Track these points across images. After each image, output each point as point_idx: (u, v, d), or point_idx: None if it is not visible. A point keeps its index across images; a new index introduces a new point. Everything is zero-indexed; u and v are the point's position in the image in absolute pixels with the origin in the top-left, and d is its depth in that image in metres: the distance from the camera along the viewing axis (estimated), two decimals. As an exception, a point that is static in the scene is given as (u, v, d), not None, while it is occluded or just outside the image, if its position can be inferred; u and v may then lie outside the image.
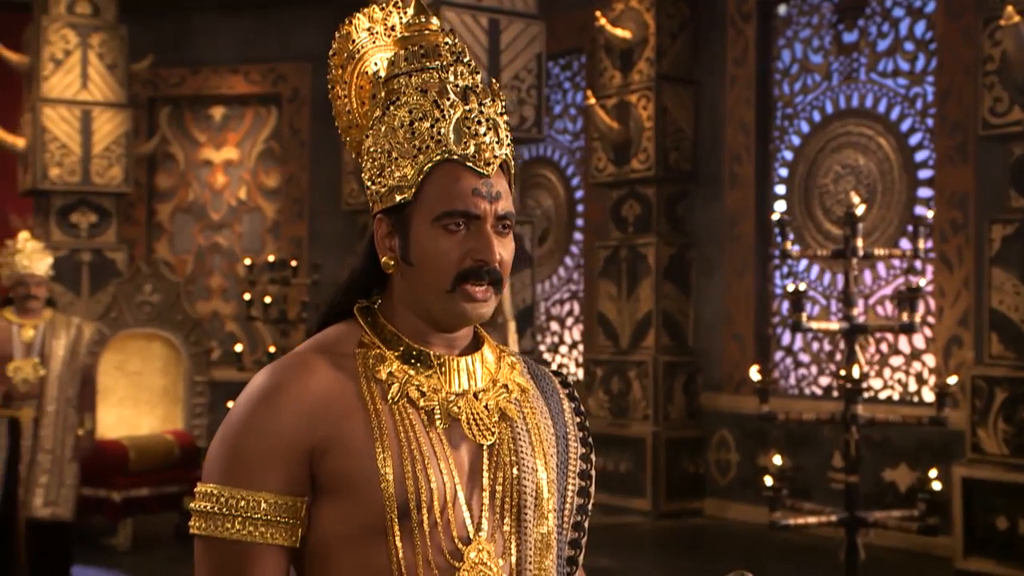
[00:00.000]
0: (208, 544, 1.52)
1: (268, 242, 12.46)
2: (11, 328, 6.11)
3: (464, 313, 1.57)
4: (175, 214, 12.65)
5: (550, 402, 1.74)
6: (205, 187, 12.62)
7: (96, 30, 10.39)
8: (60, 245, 10.20)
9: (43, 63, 10.17)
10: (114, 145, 10.40)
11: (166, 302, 8.48)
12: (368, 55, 1.69)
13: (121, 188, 10.48)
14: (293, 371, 1.55)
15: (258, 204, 12.60)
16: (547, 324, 11.42)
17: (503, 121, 1.62)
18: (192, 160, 12.63)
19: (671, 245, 9.69)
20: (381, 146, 1.59)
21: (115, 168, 10.40)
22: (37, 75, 10.20)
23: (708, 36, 9.74)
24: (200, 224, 12.63)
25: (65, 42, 10.27)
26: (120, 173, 10.43)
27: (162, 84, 12.46)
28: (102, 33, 10.42)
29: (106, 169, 10.36)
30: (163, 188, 12.65)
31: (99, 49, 10.39)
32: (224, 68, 12.43)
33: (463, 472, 1.58)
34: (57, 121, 10.19)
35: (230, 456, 1.53)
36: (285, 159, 12.43)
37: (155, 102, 12.54)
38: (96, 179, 10.32)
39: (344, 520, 1.52)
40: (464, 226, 1.56)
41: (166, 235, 12.63)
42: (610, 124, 9.70)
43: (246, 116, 12.59)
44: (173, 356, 8.47)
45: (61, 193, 10.26)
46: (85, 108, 10.29)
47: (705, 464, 9.62)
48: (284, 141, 12.41)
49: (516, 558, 1.61)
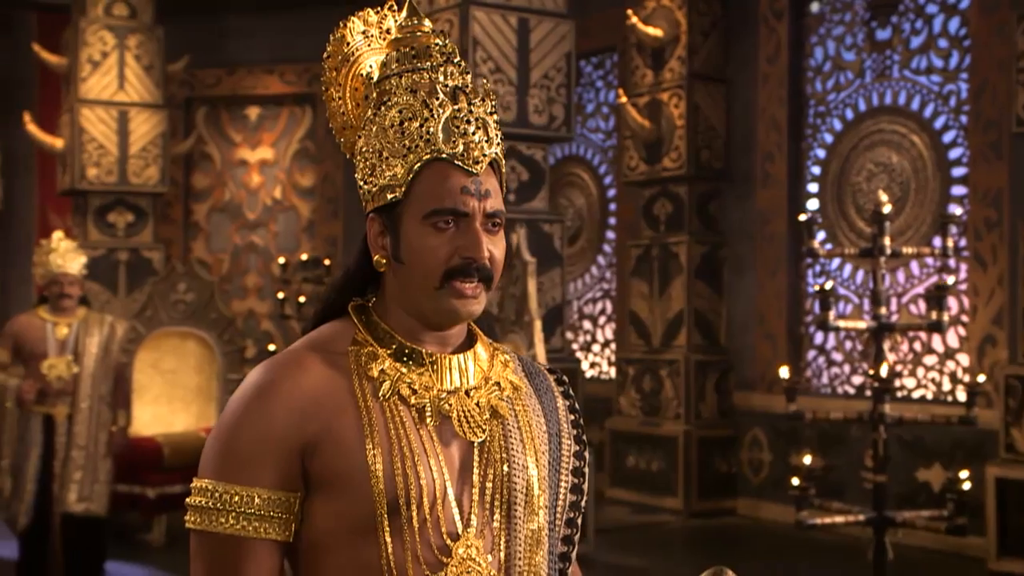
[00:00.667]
0: (203, 538, 1.54)
1: (303, 241, 12.55)
2: (45, 326, 6.20)
3: (454, 310, 1.59)
4: (211, 213, 12.76)
5: (544, 400, 1.76)
6: (241, 187, 12.72)
7: (133, 32, 10.51)
8: (97, 244, 10.34)
9: (81, 65, 10.30)
10: (150, 145, 10.52)
11: (200, 301, 8.56)
12: (363, 58, 1.72)
13: (157, 188, 10.59)
14: (286, 368, 1.58)
15: (293, 203, 12.69)
16: (579, 323, 11.43)
17: (493, 120, 1.64)
18: (228, 160, 12.74)
19: (703, 244, 9.67)
20: (372, 146, 1.62)
21: (151, 168, 10.51)
22: (75, 76, 10.33)
23: (740, 34, 9.71)
24: (236, 223, 12.74)
25: (103, 44, 10.39)
26: (156, 173, 10.54)
27: (198, 85, 12.58)
28: (139, 35, 10.53)
29: (143, 169, 10.47)
30: (199, 188, 12.76)
31: (136, 50, 10.51)
32: (259, 68, 12.53)
33: (453, 469, 1.60)
34: (95, 122, 10.31)
35: (224, 452, 1.55)
36: (320, 158, 12.51)
37: (192, 102, 12.65)
38: (133, 179, 10.43)
39: (335, 516, 1.55)
40: (453, 224, 1.58)
41: (202, 234, 12.74)
42: (642, 123, 9.69)
43: (281, 116, 12.68)
44: (207, 354, 8.55)
45: (98, 193, 10.38)
46: (122, 109, 10.41)
47: (737, 463, 9.58)
48: (319, 141, 12.49)
49: (506, 554, 1.62)
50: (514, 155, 7.56)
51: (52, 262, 6.16)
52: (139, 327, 8.46)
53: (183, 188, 12.65)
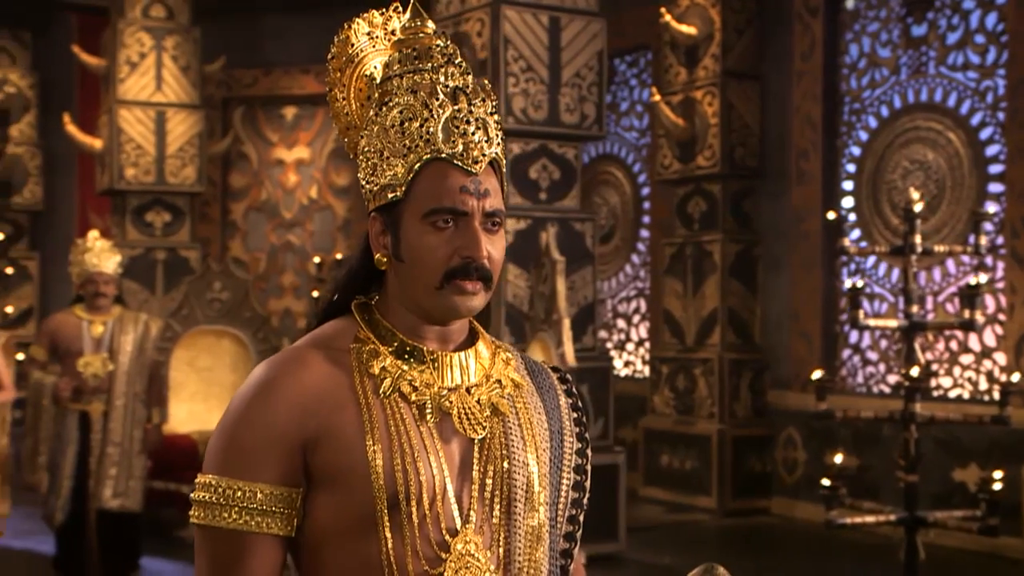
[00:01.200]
0: (207, 533, 1.57)
1: (339, 240, 12.62)
2: (81, 324, 6.28)
3: (454, 306, 1.61)
4: (248, 213, 12.86)
5: (545, 397, 1.77)
6: (277, 186, 12.81)
7: (170, 33, 10.61)
8: (135, 244, 10.46)
9: (119, 66, 10.41)
10: (187, 145, 10.62)
11: (235, 299, 8.63)
12: (368, 58, 1.73)
13: (194, 187, 10.69)
14: (288, 365, 1.60)
15: (329, 202, 12.76)
16: (613, 321, 11.42)
17: (493, 120, 1.65)
18: (265, 159, 12.84)
19: (737, 242, 9.64)
20: (374, 146, 1.63)
21: (188, 168, 10.61)
22: (113, 78, 10.45)
23: (774, 31, 9.66)
24: (273, 222, 12.83)
25: (140, 45, 10.50)
26: (193, 173, 10.64)
27: (235, 85, 12.68)
28: (176, 36, 10.63)
29: (180, 169, 10.57)
30: (237, 187, 12.87)
31: (173, 51, 10.61)
32: (295, 69, 12.61)
33: (453, 465, 1.61)
34: (132, 122, 10.42)
35: (227, 447, 1.58)
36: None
37: (229, 102, 12.76)
38: (170, 179, 10.54)
39: (336, 511, 1.57)
40: (452, 223, 1.59)
41: (240, 233, 12.85)
42: (675, 121, 9.67)
43: (317, 116, 12.76)
44: (242, 352, 8.62)
45: (136, 193, 10.49)
46: (159, 109, 10.51)
47: (772, 462, 9.54)
48: (355, 140, 12.55)
49: (505, 550, 1.64)
50: (545, 154, 7.57)
51: (87, 261, 6.25)
52: (175, 325, 8.55)
53: (221, 187, 12.76)
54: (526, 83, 7.41)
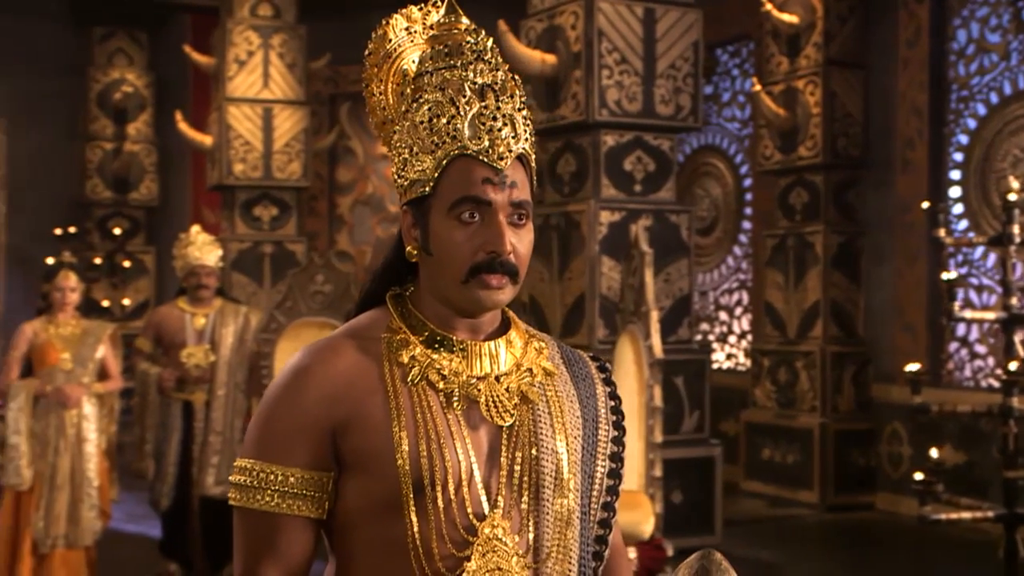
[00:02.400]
0: (244, 514, 1.64)
1: (443, 233, 12.75)
2: (184, 316, 6.47)
3: (479, 300, 1.64)
4: (355, 206, 13.06)
5: (581, 386, 1.79)
6: (382, 180, 12.98)
7: (277, 31, 10.83)
8: (244, 238, 10.71)
9: (228, 64, 10.67)
10: (293, 141, 10.83)
11: (337, 292, 8.78)
12: (406, 53, 1.77)
13: (300, 182, 10.90)
14: (321, 354, 1.66)
15: (433, 196, 12.89)
16: (716, 314, 11.34)
17: (521, 116, 1.68)
18: (370, 154, 13.02)
19: (840, 233, 9.48)
20: (405, 141, 1.68)
21: (295, 163, 10.83)
22: (223, 76, 10.71)
23: (879, 18, 9.48)
24: (378, 216, 13.01)
25: (248, 43, 10.74)
26: (299, 168, 10.85)
27: (342, 81, 12.88)
28: (282, 33, 10.85)
29: (286, 164, 10.79)
30: (343, 181, 13.08)
31: (279, 49, 10.83)
32: (401, 64, 12.75)
33: (481, 452, 1.65)
34: (241, 119, 10.67)
35: (262, 433, 1.65)
36: (460, 152, 12.67)
37: (336, 98, 12.97)
38: (277, 174, 10.76)
39: (365, 495, 1.62)
40: (478, 217, 1.63)
41: (346, 227, 13.06)
42: (776, 111, 9.56)
43: (422, 110, 12.88)
44: (343, 344, 8.77)
45: (245, 188, 10.74)
46: (266, 106, 10.74)
47: (876, 457, 9.38)
48: (458, 134, 12.65)
49: (534, 535, 1.67)
50: (640, 146, 7.55)
51: (190, 255, 6.44)
52: (279, 317, 8.73)
53: (328, 182, 12.98)
54: (620, 75, 7.40)
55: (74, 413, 5.78)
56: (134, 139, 13.56)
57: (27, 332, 5.94)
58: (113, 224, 13.28)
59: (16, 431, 5.72)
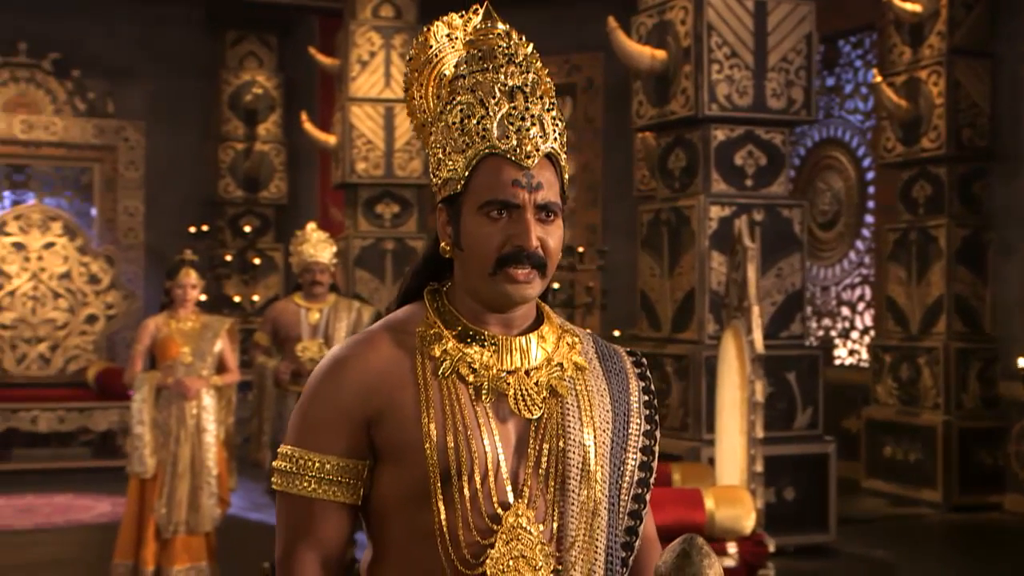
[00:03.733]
0: (284, 498, 1.74)
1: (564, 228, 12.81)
2: (299, 311, 6.67)
3: (507, 294, 1.70)
4: (477, 203, 13.22)
5: (613, 380, 1.84)
6: (504, 177, 13.11)
7: (398, 31, 11.03)
8: (366, 235, 10.95)
9: (350, 65, 10.92)
10: (414, 139, 11.01)
11: (453, 287, 8.93)
12: (447, 59, 1.84)
13: (421, 180, 11.08)
14: (358, 347, 1.75)
15: (554, 192, 12.96)
16: (838, 309, 11.16)
17: (550, 117, 1.74)
18: (492, 151, 13.15)
19: (964, 226, 9.25)
20: (439, 142, 1.75)
21: (415, 161, 11.02)
22: (346, 76, 10.96)
23: (1007, 6, 9.21)
24: (500, 212, 13.14)
25: (370, 44, 10.97)
26: (420, 166, 11.03)
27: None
28: (403, 34, 11.04)
29: (407, 162, 10.99)
30: (466, 178, 13.24)
31: (401, 49, 11.02)
32: (521, 61, 12.85)
33: (509, 443, 1.71)
34: (363, 119, 10.90)
35: (302, 422, 1.74)
36: (579, 147, 12.72)
37: (458, 97, 13.13)
38: (398, 172, 10.97)
39: (397, 484, 1.70)
40: (506, 214, 1.69)
41: (469, 223, 13.22)
42: (897, 102, 9.36)
43: (542, 107, 12.97)
44: (459, 338, 8.91)
45: (367, 186, 10.97)
46: (388, 105, 10.95)
47: (1004, 457, 9.13)
48: (578, 130, 12.70)
49: (559, 524, 1.73)
50: (751, 140, 7.50)
51: (305, 251, 6.63)
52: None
53: (450, 179, 13.16)
54: (730, 69, 7.36)
55: (194, 404, 6.02)
56: (264, 139, 13.94)
57: (150, 327, 6.20)
58: (244, 222, 13.68)
59: (140, 421, 5.98)
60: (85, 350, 11.19)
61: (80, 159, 13.13)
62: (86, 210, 13.23)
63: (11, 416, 10.28)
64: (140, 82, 13.07)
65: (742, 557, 5.22)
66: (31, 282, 11.06)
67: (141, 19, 12.99)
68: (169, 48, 13.08)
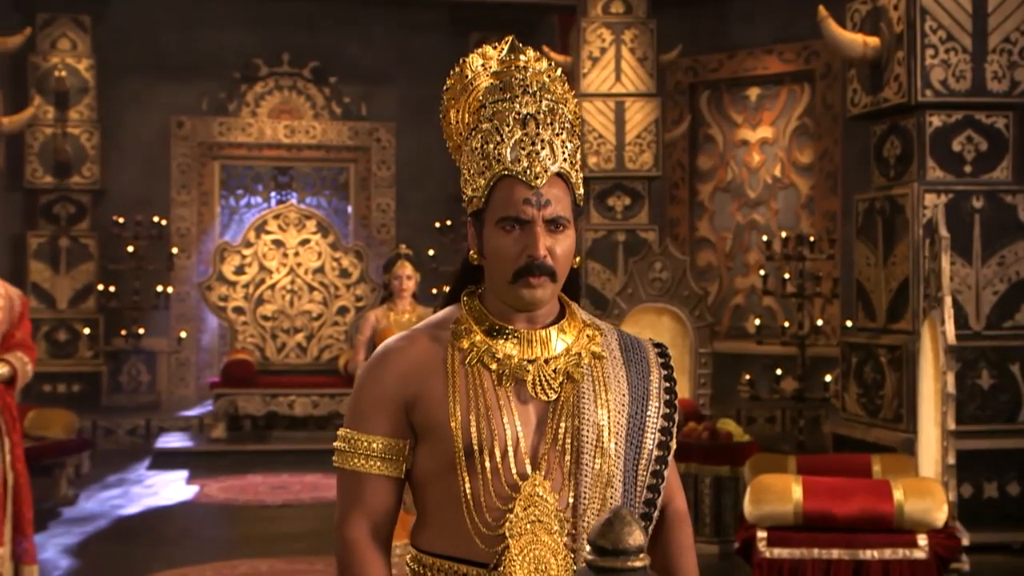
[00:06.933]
0: (341, 473, 2.03)
1: (803, 217, 12.67)
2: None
3: (524, 297, 1.95)
4: (715, 193, 13.25)
5: (633, 369, 2.06)
6: (742, 166, 13.09)
7: (628, 26, 11.25)
8: (598, 227, 11.24)
9: (582, 61, 11.22)
10: (645, 133, 11.21)
11: (674, 279, 9.09)
12: (481, 86, 2.08)
13: (651, 172, 11.26)
14: (400, 341, 2.04)
15: (792, 180, 12.84)
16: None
17: (560, 141, 1.96)
18: (730, 141, 13.16)
19: None
20: (466, 164, 2.01)
21: (646, 154, 11.21)
22: (577, 73, 11.26)
23: None
24: (738, 202, 13.13)
25: (601, 40, 11.23)
26: (650, 158, 11.22)
27: (701, 70, 13.11)
28: (634, 29, 11.25)
29: (638, 155, 11.20)
30: (704, 169, 13.30)
31: (631, 44, 11.24)
32: (759, 50, 12.81)
33: (528, 423, 1.96)
34: (595, 114, 11.18)
35: (354, 406, 2.04)
36: (818, 135, 12.56)
37: (695, 87, 13.21)
38: (629, 165, 11.19)
39: (431, 458, 1.98)
40: (518, 228, 1.94)
41: (707, 214, 13.28)
42: None
43: (780, 95, 12.87)
44: (680, 329, 9.06)
45: (599, 179, 11.25)
46: (618, 100, 11.19)
47: None
48: (817, 117, 12.54)
49: (574, 494, 1.96)
50: (970, 125, 7.29)
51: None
52: (621, 303, 9.16)
53: (688, 170, 13.26)
54: (946, 53, 7.19)
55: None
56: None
57: (371, 319, 6.68)
58: (489, 216, 14.24)
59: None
60: (337, 340, 11.97)
61: (337, 160, 14.03)
62: (343, 208, 14.12)
63: (271, 401, 11.15)
64: (391, 86, 13.83)
65: (932, 550, 5.19)
66: (289, 276, 11.93)
67: (392, 26, 13.74)
68: (417, 52, 13.75)
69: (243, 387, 11.10)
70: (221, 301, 11.86)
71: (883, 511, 5.22)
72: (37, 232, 12.78)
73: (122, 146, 13.24)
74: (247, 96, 13.74)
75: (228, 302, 11.85)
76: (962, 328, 7.09)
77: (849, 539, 5.24)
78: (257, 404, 11.14)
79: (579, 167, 2.01)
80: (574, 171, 1.99)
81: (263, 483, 9.55)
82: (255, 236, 11.97)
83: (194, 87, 13.47)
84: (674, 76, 13.09)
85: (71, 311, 12.72)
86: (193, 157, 13.58)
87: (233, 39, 13.44)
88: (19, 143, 12.53)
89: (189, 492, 9.24)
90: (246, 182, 14.06)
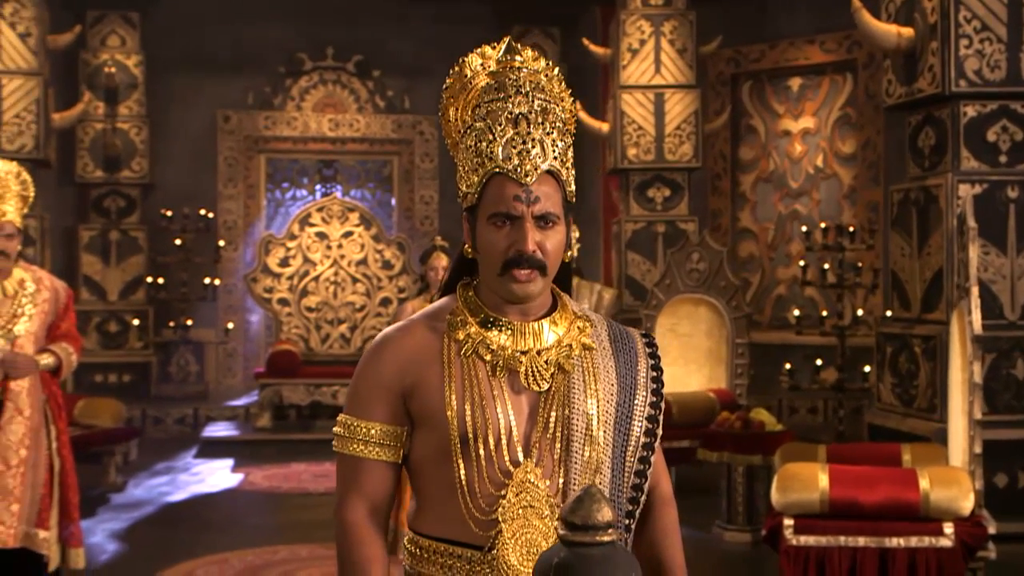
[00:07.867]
0: (340, 458, 2.14)
1: (845, 208, 12.64)
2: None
3: (512, 291, 2.04)
4: (757, 184, 13.25)
5: (621, 359, 2.13)
6: (784, 156, 13.08)
7: (668, 18, 11.29)
8: (638, 218, 11.30)
9: (621, 54, 11.27)
10: (684, 124, 11.25)
11: (711, 269, 9.13)
12: (480, 84, 2.17)
13: (691, 163, 11.30)
14: (398, 331, 2.13)
15: (835, 171, 12.81)
16: None
17: (550, 140, 2.04)
18: (772, 131, 13.14)
19: None
20: (461, 161, 2.10)
21: (686, 145, 11.25)
22: (617, 65, 11.32)
23: None
24: (780, 192, 13.12)
25: (640, 32, 11.28)
26: (690, 150, 11.26)
27: (743, 61, 13.10)
28: (673, 20, 11.29)
29: (677, 147, 11.24)
30: (745, 160, 13.30)
31: (670, 36, 11.27)
32: (801, 40, 12.78)
33: (521, 412, 2.05)
34: (634, 105, 11.24)
35: (353, 393, 2.13)
36: (860, 125, 12.51)
37: (737, 78, 13.21)
38: (668, 156, 11.24)
39: (427, 445, 2.07)
40: (509, 224, 2.02)
41: (749, 204, 13.28)
42: None
43: (822, 85, 12.84)
44: (717, 320, 9.10)
45: (638, 170, 11.30)
46: (658, 92, 11.23)
47: None
48: (859, 107, 12.50)
49: (563, 480, 2.04)
50: (1005, 114, 7.28)
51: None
52: (659, 294, 9.22)
53: (730, 161, 13.26)
54: (980, 43, 7.18)
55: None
56: (550, 128, 14.51)
57: (408, 309, 6.79)
58: (530, 208, 14.33)
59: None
60: (379, 331, 12.07)
61: (381, 153, 14.19)
62: (387, 200, 14.27)
63: (315, 391, 11.33)
64: (434, 79, 13.86)
65: (959, 537, 5.22)
66: (332, 268, 12.10)
67: (434, 19, 13.85)
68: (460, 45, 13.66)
69: (288, 377, 11.30)
70: (266, 293, 12.06)
71: (909, 499, 5.26)
72: (88, 225, 13.06)
73: (170, 140, 13.48)
74: (292, 90, 13.93)
75: (273, 294, 12.05)
76: (996, 318, 7.09)
77: (875, 527, 5.28)
78: (301, 394, 11.33)
79: (570, 165, 2.09)
80: (565, 169, 2.07)
81: (306, 471, 9.73)
82: (299, 228, 12.15)
83: (240, 82, 13.68)
84: (716, 67, 13.09)
85: (121, 303, 13.00)
86: (239, 151, 13.79)
87: (278, 34, 13.62)
88: (70, 138, 12.80)
89: (234, 480, 9.44)
90: (291, 175, 14.26)
